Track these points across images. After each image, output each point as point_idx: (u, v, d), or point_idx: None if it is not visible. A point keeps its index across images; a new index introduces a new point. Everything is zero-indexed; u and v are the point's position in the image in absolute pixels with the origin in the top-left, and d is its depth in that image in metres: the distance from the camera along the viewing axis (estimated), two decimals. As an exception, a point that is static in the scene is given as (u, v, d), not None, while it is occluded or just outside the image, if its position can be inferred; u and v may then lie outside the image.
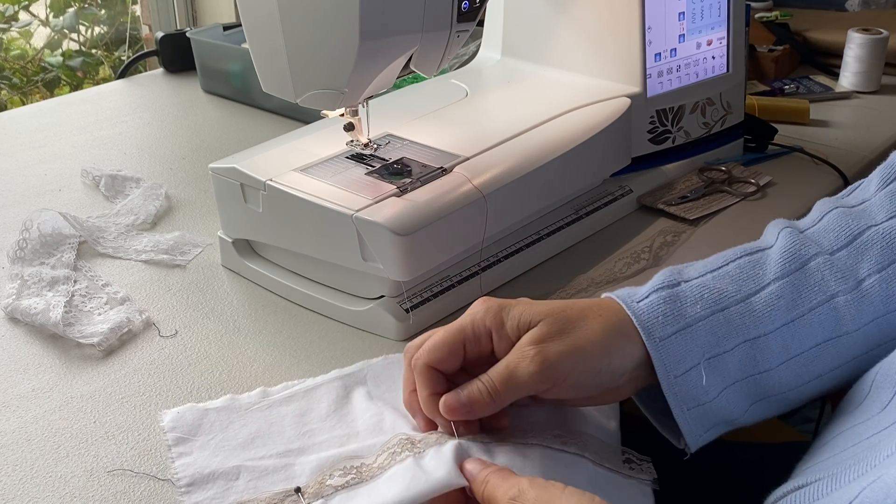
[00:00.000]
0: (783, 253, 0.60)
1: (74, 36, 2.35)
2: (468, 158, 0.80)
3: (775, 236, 0.63)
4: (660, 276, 0.60)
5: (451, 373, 0.58)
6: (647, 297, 0.58)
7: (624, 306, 0.58)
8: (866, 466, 0.48)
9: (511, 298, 0.60)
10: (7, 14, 2.24)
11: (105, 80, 2.08)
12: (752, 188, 0.97)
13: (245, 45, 1.23)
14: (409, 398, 0.60)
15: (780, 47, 1.33)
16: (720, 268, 0.61)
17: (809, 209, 0.93)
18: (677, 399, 0.57)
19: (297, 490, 0.56)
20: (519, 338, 0.57)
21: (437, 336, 0.58)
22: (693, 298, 0.58)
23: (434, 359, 0.58)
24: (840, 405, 0.60)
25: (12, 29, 2.27)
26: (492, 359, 0.58)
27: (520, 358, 0.55)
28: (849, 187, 0.68)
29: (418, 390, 0.59)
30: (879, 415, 0.53)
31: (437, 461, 0.55)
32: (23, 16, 2.29)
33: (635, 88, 0.93)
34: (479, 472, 0.53)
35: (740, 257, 0.61)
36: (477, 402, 0.56)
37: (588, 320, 0.57)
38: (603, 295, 0.61)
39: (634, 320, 0.57)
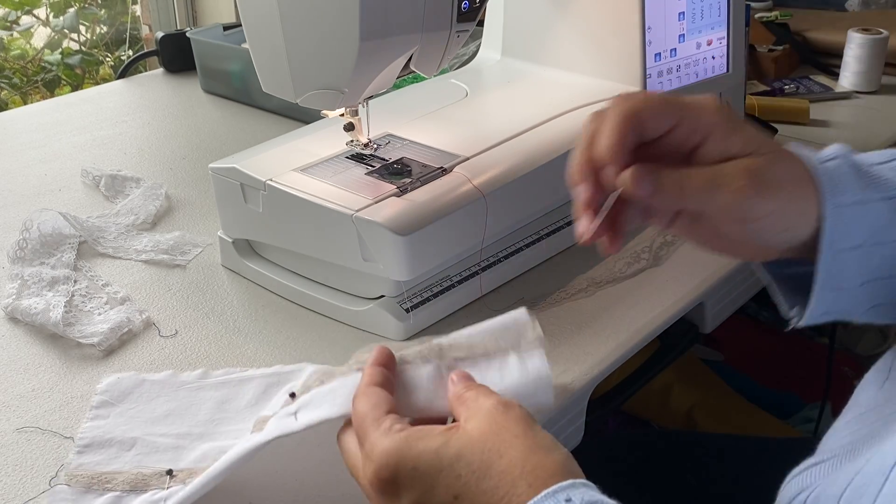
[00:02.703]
0: None
1: (75, 36, 2.35)
2: (468, 158, 0.80)
3: None
4: (839, 147, 0.57)
5: (645, 142, 0.52)
6: (833, 159, 0.55)
7: (808, 164, 0.54)
8: (877, 441, 0.48)
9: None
10: (10, 19, 2.24)
11: (105, 80, 2.08)
12: (752, 188, 0.96)
13: (245, 45, 1.23)
14: (582, 155, 0.53)
15: (780, 47, 1.33)
16: (890, 160, 0.58)
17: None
18: (826, 277, 0.54)
19: (169, 472, 0.58)
20: (739, 155, 0.52)
21: (653, 94, 0.53)
22: (868, 180, 0.55)
23: (644, 108, 0.51)
24: (863, 383, 0.60)
25: (13, 33, 2.27)
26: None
27: (731, 168, 0.51)
28: None
29: (604, 136, 0.51)
30: None
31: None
32: (24, 17, 2.29)
33: (635, 88, 0.93)
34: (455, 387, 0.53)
35: None
36: (667, 181, 0.50)
37: (792, 161, 0.53)
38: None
39: (822, 177, 0.53)
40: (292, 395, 0.58)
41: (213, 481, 0.55)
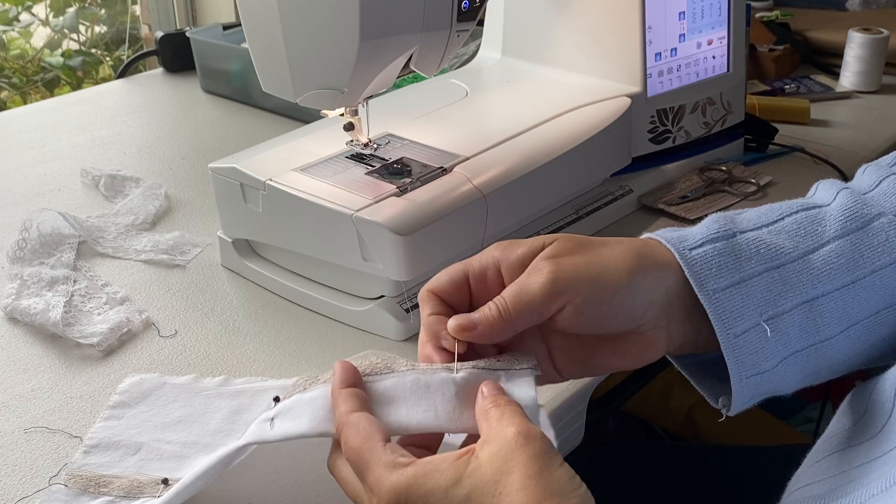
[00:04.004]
0: (843, 211, 0.56)
1: (74, 36, 2.35)
2: (468, 158, 0.80)
3: (832, 195, 0.59)
4: (713, 223, 0.56)
5: (456, 307, 0.54)
6: (700, 246, 0.54)
7: (673, 251, 0.54)
8: (867, 493, 0.47)
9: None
10: (11, 16, 2.24)
11: (105, 80, 2.08)
12: (753, 188, 0.96)
13: (245, 45, 1.23)
14: (421, 349, 0.55)
15: (781, 47, 1.33)
16: (775, 222, 0.57)
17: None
18: (738, 363, 0.53)
19: (164, 481, 0.57)
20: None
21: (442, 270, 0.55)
22: (749, 253, 0.54)
23: (435, 285, 0.54)
24: (834, 419, 0.59)
25: (13, 30, 2.27)
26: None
27: (530, 272, 0.52)
28: (890, 154, 0.64)
29: (421, 315, 0.54)
30: (877, 436, 0.52)
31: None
32: (23, 16, 2.29)
33: (635, 88, 0.93)
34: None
35: (797, 212, 0.57)
36: (486, 321, 0.51)
37: (612, 244, 0.54)
38: (644, 235, 0.57)
39: (686, 270, 0.53)
40: (276, 399, 0.57)
41: (194, 485, 0.54)
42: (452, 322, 0.52)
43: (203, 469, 0.53)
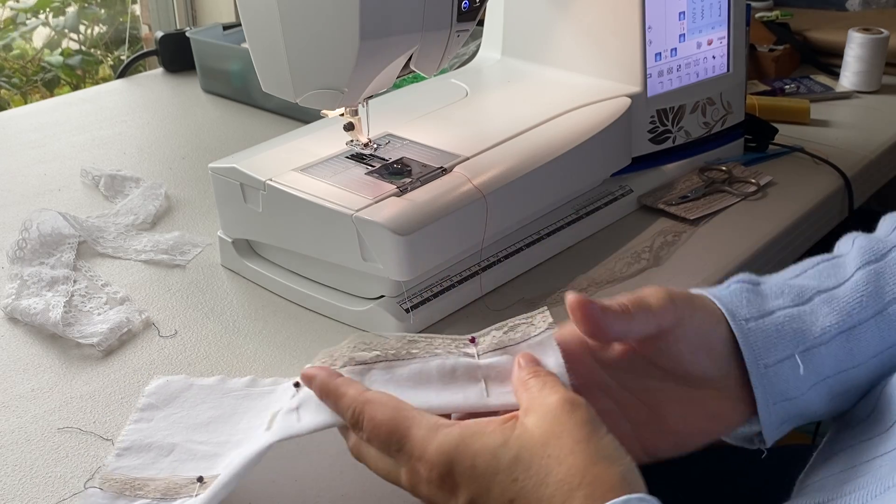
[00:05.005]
0: (860, 249, 0.58)
1: (74, 35, 2.35)
2: (468, 158, 0.80)
3: (850, 243, 0.61)
4: (734, 277, 0.58)
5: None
6: (727, 287, 0.56)
7: (703, 291, 0.55)
8: (870, 493, 0.47)
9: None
10: (17, 20, 2.25)
11: (105, 80, 2.08)
12: (753, 188, 0.96)
13: (245, 45, 1.23)
14: None
15: (781, 47, 1.33)
16: (798, 275, 0.58)
17: (810, 209, 0.94)
18: (765, 392, 0.53)
19: (200, 479, 0.56)
20: None
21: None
22: (776, 292, 0.56)
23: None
24: (843, 415, 0.59)
25: (15, 32, 2.27)
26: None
27: (646, 290, 0.53)
28: None
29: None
30: (887, 433, 0.52)
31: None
32: (22, 16, 2.29)
33: (635, 88, 0.93)
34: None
35: (818, 264, 0.59)
36: (610, 309, 0.51)
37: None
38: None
39: (716, 301, 0.54)
40: (296, 385, 0.57)
41: (232, 482, 0.54)
42: (574, 297, 0.52)
43: (239, 466, 0.54)
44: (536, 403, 0.47)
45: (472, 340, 0.55)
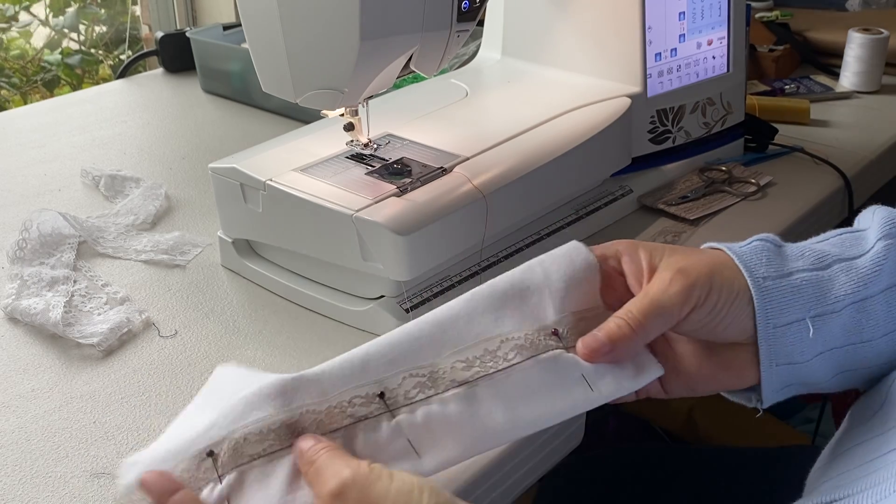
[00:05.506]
0: (882, 220, 0.58)
1: (74, 36, 2.35)
2: (468, 158, 0.80)
3: (871, 215, 0.60)
4: (757, 237, 0.58)
5: None
6: (749, 243, 0.56)
7: (724, 248, 0.56)
8: (887, 489, 0.47)
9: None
10: (8, 14, 2.24)
11: (105, 80, 2.08)
12: (753, 188, 0.96)
13: (245, 45, 1.23)
14: None
15: (781, 47, 1.33)
16: (820, 241, 0.58)
17: (810, 209, 0.94)
18: (770, 351, 0.54)
19: (210, 454, 0.50)
20: (651, 272, 0.55)
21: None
22: (796, 255, 0.56)
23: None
24: (853, 410, 0.59)
25: (12, 29, 2.27)
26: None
27: (659, 281, 0.53)
28: None
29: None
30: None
31: None
32: (22, 16, 2.29)
33: (635, 88, 0.93)
34: (308, 449, 0.47)
35: (841, 234, 0.59)
36: (618, 337, 0.52)
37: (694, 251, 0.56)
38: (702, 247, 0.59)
39: (735, 258, 0.54)
40: (210, 455, 0.50)
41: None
42: (583, 345, 0.53)
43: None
44: (346, 481, 0.45)
45: (555, 333, 0.55)
